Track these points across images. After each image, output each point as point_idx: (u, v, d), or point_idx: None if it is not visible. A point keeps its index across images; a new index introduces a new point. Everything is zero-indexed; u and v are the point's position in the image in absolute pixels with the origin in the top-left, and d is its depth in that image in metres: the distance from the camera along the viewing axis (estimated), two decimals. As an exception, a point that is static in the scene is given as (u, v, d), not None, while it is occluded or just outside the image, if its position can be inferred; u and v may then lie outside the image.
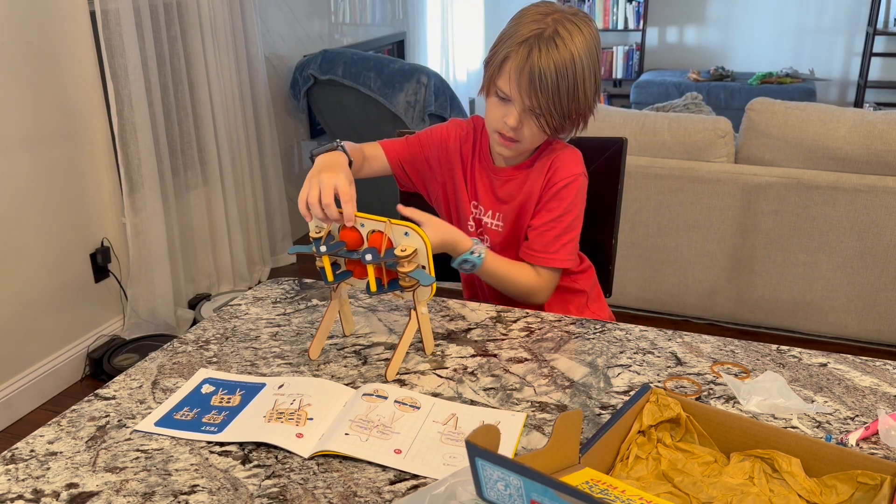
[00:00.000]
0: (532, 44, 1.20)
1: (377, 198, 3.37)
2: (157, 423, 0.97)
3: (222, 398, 1.02)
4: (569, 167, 1.34)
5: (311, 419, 0.96)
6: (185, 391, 1.04)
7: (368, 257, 1.06)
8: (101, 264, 2.61)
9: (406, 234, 1.05)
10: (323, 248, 1.09)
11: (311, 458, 0.90)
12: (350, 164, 1.27)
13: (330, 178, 1.11)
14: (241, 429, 0.95)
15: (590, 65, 1.23)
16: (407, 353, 1.14)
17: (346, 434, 0.92)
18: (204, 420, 0.97)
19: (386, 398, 1.00)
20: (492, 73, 1.27)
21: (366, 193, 3.84)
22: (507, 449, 0.90)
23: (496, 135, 1.31)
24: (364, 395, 1.00)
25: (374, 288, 1.09)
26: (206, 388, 1.05)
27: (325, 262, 1.11)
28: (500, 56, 1.24)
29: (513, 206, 1.39)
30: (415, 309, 1.09)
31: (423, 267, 1.06)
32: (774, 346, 1.15)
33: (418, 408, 0.99)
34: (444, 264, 1.70)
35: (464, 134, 1.44)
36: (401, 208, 1.23)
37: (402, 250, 1.04)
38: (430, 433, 0.94)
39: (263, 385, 1.05)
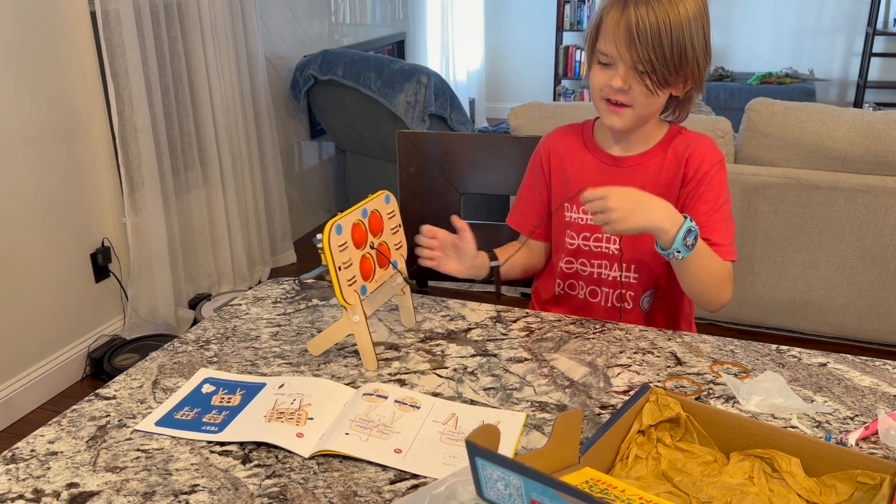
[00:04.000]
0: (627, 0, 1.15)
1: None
2: (158, 423, 0.97)
3: (223, 398, 1.02)
4: (712, 152, 1.25)
5: (312, 419, 0.96)
6: (186, 391, 1.04)
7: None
8: (101, 264, 2.61)
9: None
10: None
11: (312, 457, 0.90)
12: (493, 258, 1.32)
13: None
14: (242, 428, 0.95)
15: (697, 24, 1.15)
16: (406, 352, 1.14)
17: (347, 434, 0.92)
18: (204, 420, 0.97)
19: (386, 398, 1.00)
20: (591, 40, 1.20)
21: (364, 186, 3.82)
22: (507, 449, 0.90)
23: (604, 103, 1.21)
24: (364, 394, 1.00)
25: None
26: (207, 388, 1.05)
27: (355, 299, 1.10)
28: (597, 19, 1.18)
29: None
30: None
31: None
32: (774, 346, 1.15)
33: (418, 407, 0.99)
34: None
35: (549, 146, 1.37)
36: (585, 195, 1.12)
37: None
38: (431, 433, 0.94)
39: (264, 385, 1.05)
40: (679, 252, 1.11)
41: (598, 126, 1.33)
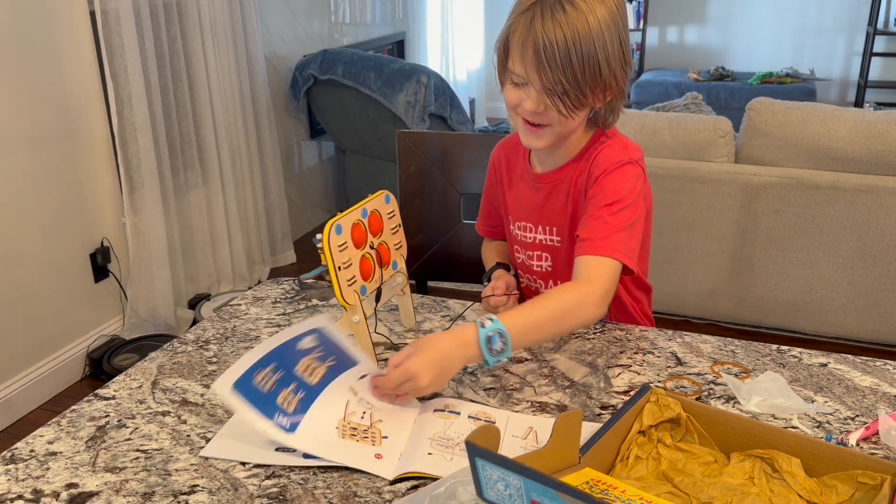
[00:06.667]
0: (534, 11, 1.04)
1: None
2: (237, 385, 0.89)
3: (309, 365, 0.95)
4: (615, 155, 1.16)
5: (386, 437, 0.92)
6: (286, 336, 0.95)
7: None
8: (101, 264, 2.61)
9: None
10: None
11: (397, 480, 0.86)
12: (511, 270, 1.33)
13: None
14: (315, 437, 0.90)
15: (611, 33, 1.05)
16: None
17: (430, 454, 0.89)
18: (279, 402, 0.91)
19: (458, 414, 0.97)
20: (502, 57, 1.12)
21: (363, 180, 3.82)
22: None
23: (520, 121, 1.14)
24: (435, 410, 0.98)
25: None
26: (308, 342, 0.97)
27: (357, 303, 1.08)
28: (505, 31, 1.09)
29: (569, 213, 1.21)
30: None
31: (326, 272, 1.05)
32: (774, 346, 1.15)
33: (493, 422, 0.96)
34: (452, 265, 1.70)
35: (497, 154, 1.35)
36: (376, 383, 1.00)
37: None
38: (514, 448, 0.90)
39: (354, 364, 0.99)
40: (500, 359, 0.99)
41: None
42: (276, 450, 0.90)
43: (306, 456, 0.89)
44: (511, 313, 1.02)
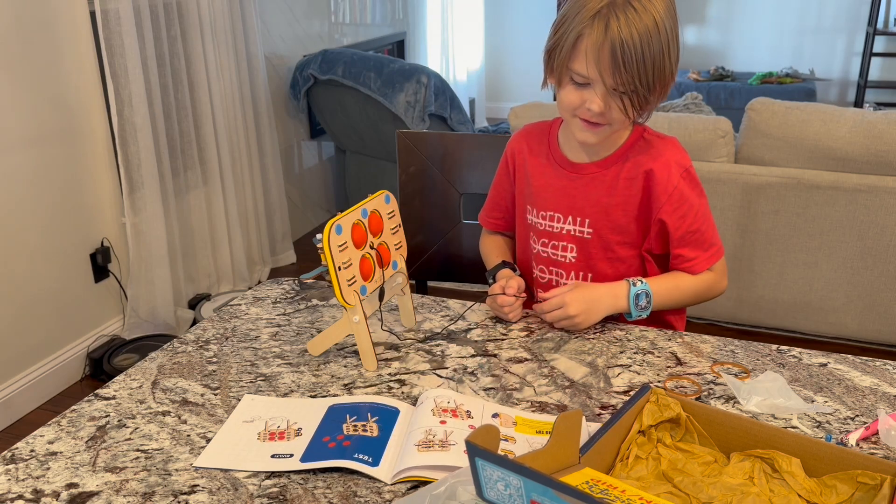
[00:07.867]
0: (607, 14, 1.06)
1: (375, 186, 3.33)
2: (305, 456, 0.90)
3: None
4: (676, 162, 1.22)
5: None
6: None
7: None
8: (101, 264, 2.61)
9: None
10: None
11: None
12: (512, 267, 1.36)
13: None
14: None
15: (671, 27, 1.09)
16: (406, 352, 1.14)
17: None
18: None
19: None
20: (563, 58, 1.12)
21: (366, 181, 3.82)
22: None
23: (577, 120, 1.16)
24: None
25: None
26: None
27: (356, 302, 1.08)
28: (572, 36, 1.09)
29: (605, 205, 1.24)
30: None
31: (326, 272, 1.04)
32: (774, 346, 1.15)
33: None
34: (451, 265, 1.70)
35: (514, 145, 1.36)
36: (537, 307, 1.20)
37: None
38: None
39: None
40: (641, 315, 1.20)
41: (564, 128, 1.29)
42: (272, 456, 0.90)
43: (304, 460, 0.89)
44: (656, 279, 1.21)
